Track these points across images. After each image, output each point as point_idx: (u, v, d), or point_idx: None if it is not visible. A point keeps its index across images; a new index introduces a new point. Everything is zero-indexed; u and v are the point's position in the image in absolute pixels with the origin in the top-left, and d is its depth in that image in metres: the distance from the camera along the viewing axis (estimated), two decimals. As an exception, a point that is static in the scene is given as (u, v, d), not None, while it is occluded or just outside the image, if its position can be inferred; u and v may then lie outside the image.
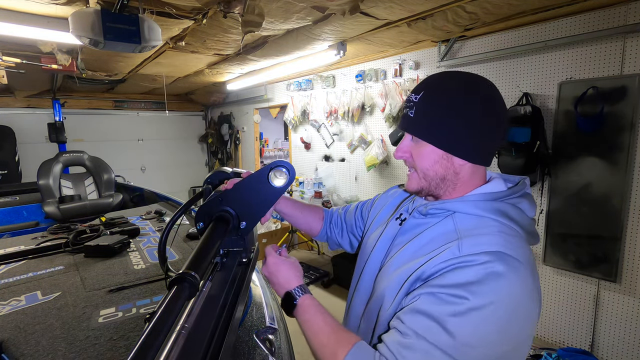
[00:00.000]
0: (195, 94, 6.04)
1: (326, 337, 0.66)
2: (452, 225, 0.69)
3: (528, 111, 2.43)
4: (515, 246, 0.62)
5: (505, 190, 0.71)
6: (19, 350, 0.88)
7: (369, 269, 0.81)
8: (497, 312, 0.57)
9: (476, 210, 0.68)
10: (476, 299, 0.57)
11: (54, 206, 2.87)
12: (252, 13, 2.03)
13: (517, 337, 0.60)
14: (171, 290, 0.56)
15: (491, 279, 0.58)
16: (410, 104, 0.72)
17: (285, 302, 0.74)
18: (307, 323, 0.70)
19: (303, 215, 1.06)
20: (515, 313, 0.58)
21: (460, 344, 0.56)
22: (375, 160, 3.66)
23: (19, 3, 2.00)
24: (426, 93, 0.70)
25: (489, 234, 0.64)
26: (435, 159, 0.70)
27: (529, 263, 0.63)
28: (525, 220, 0.70)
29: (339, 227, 1.06)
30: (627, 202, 2.18)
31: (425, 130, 0.70)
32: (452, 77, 0.71)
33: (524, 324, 0.60)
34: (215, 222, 0.81)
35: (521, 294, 0.59)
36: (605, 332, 2.34)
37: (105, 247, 1.55)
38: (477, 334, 0.56)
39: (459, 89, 0.69)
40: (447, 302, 0.58)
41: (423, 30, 2.57)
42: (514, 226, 0.67)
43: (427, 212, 0.73)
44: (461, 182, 0.72)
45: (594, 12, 2.23)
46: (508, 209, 0.68)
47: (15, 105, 5.12)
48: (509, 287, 0.58)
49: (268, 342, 0.90)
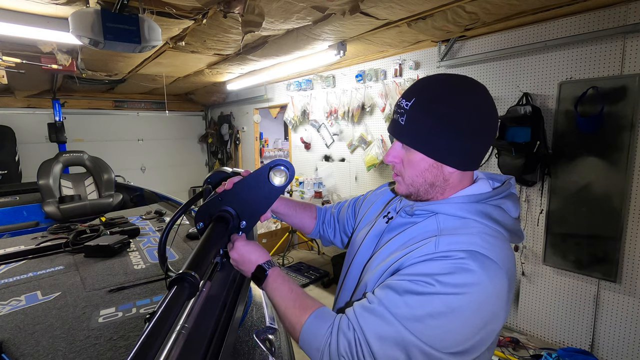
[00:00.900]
0: (195, 94, 6.04)
1: (292, 302, 0.72)
2: (434, 224, 0.71)
3: (528, 111, 2.43)
4: (493, 247, 0.64)
5: (490, 192, 0.73)
6: (19, 350, 0.88)
7: (356, 263, 0.84)
8: (459, 302, 0.59)
9: (460, 212, 0.70)
10: (441, 287, 0.60)
11: (54, 206, 2.87)
12: (252, 13, 2.03)
13: (476, 332, 0.61)
14: (171, 290, 0.56)
15: (460, 273, 0.61)
16: (401, 110, 0.71)
17: (257, 275, 0.78)
18: (275, 291, 0.75)
19: (296, 214, 1.08)
20: (479, 309, 0.60)
21: (416, 320, 0.60)
22: (375, 160, 3.66)
23: (19, 3, 2.00)
24: (417, 101, 0.69)
25: (468, 234, 0.66)
26: (425, 167, 0.72)
27: (504, 264, 0.64)
28: (509, 220, 0.72)
29: (331, 227, 1.08)
30: (627, 202, 2.18)
31: (416, 140, 0.70)
32: (444, 83, 0.70)
33: (488, 321, 0.62)
34: (215, 222, 0.81)
35: (489, 293, 0.61)
36: (605, 332, 2.34)
37: (105, 247, 1.56)
38: (434, 317, 0.60)
39: (452, 97, 0.68)
40: (414, 283, 0.63)
41: (423, 30, 2.57)
42: (497, 227, 0.69)
43: (412, 213, 0.76)
44: (450, 187, 0.74)
45: (594, 12, 2.23)
46: (491, 210, 0.70)
47: (15, 105, 5.12)
48: (478, 285, 0.60)
49: (268, 342, 0.90)
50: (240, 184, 0.85)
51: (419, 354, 0.60)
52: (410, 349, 0.60)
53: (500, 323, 0.64)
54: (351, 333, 0.64)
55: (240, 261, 0.81)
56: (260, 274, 0.78)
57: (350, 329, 0.64)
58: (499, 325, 0.65)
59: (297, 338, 0.69)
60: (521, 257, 2.71)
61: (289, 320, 0.71)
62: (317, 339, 0.66)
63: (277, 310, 0.75)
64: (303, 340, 0.68)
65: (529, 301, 2.70)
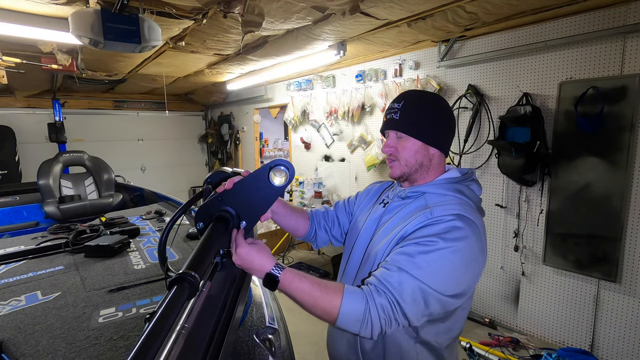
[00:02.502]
0: (195, 94, 6.04)
1: (319, 293, 0.79)
2: (424, 201, 0.93)
3: (528, 111, 2.43)
4: (469, 212, 0.86)
5: (460, 176, 0.97)
6: (19, 350, 0.88)
7: (360, 241, 1.01)
8: (457, 251, 0.80)
9: (441, 190, 0.93)
10: (444, 243, 0.80)
11: (54, 206, 2.87)
12: (252, 13, 2.03)
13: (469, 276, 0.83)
14: (171, 290, 0.56)
15: (454, 230, 0.82)
16: (394, 110, 0.96)
17: (268, 282, 0.81)
18: (296, 290, 0.80)
19: (293, 215, 1.11)
20: (469, 255, 0.82)
21: (429, 274, 0.78)
22: (375, 160, 3.66)
23: (19, 3, 2.00)
24: (406, 102, 0.95)
25: (452, 204, 0.88)
26: (416, 149, 0.94)
27: (479, 224, 0.86)
28: (475, 197, 0.95)
29: (331, 223, 1.17)
30: (627, 202, 2.18)
31: (409, 128, 0.94)
32: (422, 92, 0.99)
33: (474, 265, 0.83)
34: (215, 222, 0.81)
35: (473, 242, 0.83)
36: (605, 332, 2.34)
37: (105, 247, 1.56)
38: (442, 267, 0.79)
39: (430, 99, 0.97)
40: (422, 244, 0.81)
41: (423, 30, 2.57)
42: (468, 200, 0.92)
43: (405, 196, 0.97)
44: (432, 168, 0.97)
45: (594, 12, 2.23)
46: (463, 188, 0.94)
47: (15, 105, 5.12)
48: (467, 238, 0.82)
49: (268, 342, 0.90)
50: (240, 184, 0.84)
51: (434, 300, 0.78)
52: (427, 298, 0.78)
53: (480, 268, 0.86)
54: (384, 298, 0.77)
55: (246, 268, 0.83)
56: (272, 281, 0.80)
57: (382, 294, 0.77)
58: (480, 270, 0.86)
59: (335, 320, 0.78)
60: (521, 257, 2.71)
61: (322, 308, 0.78)
62: (356, 312, 0.76)
63: (304, 305, 0.80)
64: (343, 319, 0.77)
65: (529, 301, 2.70)
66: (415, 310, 0.77)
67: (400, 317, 0.77)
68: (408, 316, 0.77)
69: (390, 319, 0.76)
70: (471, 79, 2.90)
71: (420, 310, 0.78)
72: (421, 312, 0.78)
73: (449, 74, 3.07)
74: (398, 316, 0.76)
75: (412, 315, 0.77)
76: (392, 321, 0.77)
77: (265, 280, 0.80)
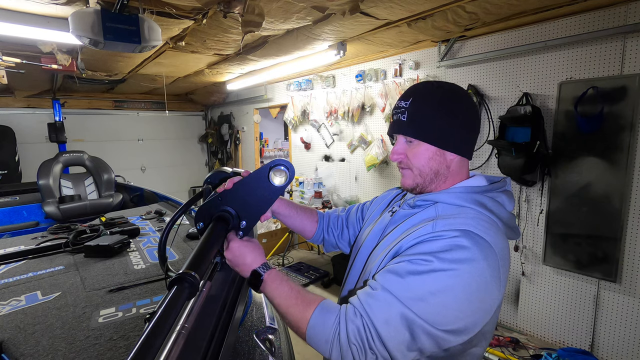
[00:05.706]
0: (195, 94, 6.04)
1: (294, 300, 0.72)
2: (433, 212, 0.77)
3: (528, 111, 2.43)
4: (486, 230, 0.68)
5: (486, 185, 0.79)
6: (19, 350, 0.88)
7: (361, 255, 0.88)
8: (456, 277, 0.63)
9: (457, 200, 0.75)
10: (440, 263, 0.64)
11: (54, 206, 2.87)
12: (252, 13, 2.02)
13: (473, 309, 0.65)
14: (171, 290, 0.56)
15: (456, 250, 0.65)
16: (401, 109, 0.78)
17: (252, 280, 0.77)
18: (274, 291, 0.74)
19: (297, 216, 1.05)
20: (473, 283, 0.64)
21: (418, 299, 0.63)
22: (375, 160, 3.66)
23: (19, 3, 2.00)
24: (415, 98, 0.77)
25: (463, 218, 0.70)
26: (430, 155, 0.77)
27: (496, 245, 0.68)
28: (503, 212, 0.76)
29: (339, 229, 1.07)
30: (627, 202, 2.18)
31: (419, 131, 0.77)
32: (436, 84, 0.79)
33: (482, 298, 0.65)
34: (215, 222, 0.81)
35: (483, 268, 0.65)
36: (605, 332, 2.34)
37: (105, 247, 1.55)
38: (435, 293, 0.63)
39: (445, 93, 0.77)
40: (414, 263, 0.67)
41: (423, 30, 2.57)
42: (490, 216, 0.73)
43: (414, 204, 0.81)
44: (451, 175, 0.80)
45: (594, 12, 2.23)
46: (486, 200, 0.75)
47: (15, 105, 5.12)
48: (472, 260, 0.64)
49: (268, 342, 0.90)
50: (240, 184, 0.84)
51: (422, 333, 0.63)
52: (413, 328, 0.63)
53: (494, 303, 0.67)
54: (359, 320, 0.65)
55: (235, 263, 0.80)
56: (256, 279, 0.76)
57: (357, 316, 0.65)
58: (494, 306, 0.68)
59: (304, 334, 0.69)
60: (521, 257, 2.71)
61: (293, 317, 0.71)
62: (325, 331, 0.66)
63: (279, 311, 0.74)
64: (310, 335, 0.68)
65: (529, 301, 2.70)
66: (396, 340, 0.63)
67: (378, 347, 0.63)
68: (387, 347, 0.63)
69: (364, 347, 0.63)
70: (471, 79, 2.90)
71: (404, 341, 0.63)
72: (406, 345, 0.63)
73: (449, 74, 3.07)
74: (374, 345, 0.63)
75: (393, 347, 0.63)
76: (366, 350, 0.63)
77: (250, 278, 0.77)
